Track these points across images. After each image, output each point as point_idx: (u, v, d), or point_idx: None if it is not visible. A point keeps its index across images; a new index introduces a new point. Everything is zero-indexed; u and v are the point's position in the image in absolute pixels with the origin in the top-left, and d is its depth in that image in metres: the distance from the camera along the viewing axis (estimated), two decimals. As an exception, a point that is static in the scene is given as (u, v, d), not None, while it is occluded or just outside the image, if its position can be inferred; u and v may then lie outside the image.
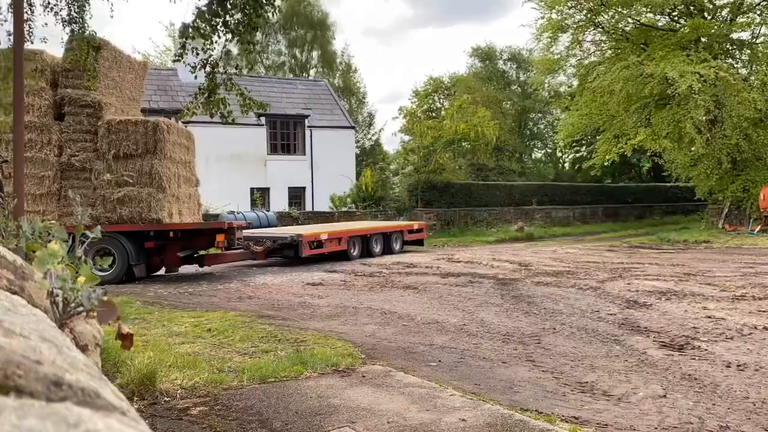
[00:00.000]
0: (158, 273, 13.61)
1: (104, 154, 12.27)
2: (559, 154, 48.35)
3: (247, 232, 14.98)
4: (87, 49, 9.24)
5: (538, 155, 50.38)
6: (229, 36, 7.98)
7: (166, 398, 4.50)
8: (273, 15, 8.25)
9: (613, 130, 26.76)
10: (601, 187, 38.19)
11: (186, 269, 13.78)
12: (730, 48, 25.97)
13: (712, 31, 24.02)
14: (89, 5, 9.14)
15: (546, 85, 35.72)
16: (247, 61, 11.04)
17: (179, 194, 13.12)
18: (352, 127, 32.91)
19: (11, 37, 8.80)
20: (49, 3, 8.90)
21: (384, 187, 30.76)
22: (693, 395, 5.17)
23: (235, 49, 12.05)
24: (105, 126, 12.33)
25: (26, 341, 0.93)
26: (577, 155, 43.07)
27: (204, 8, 7.55)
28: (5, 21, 8.86)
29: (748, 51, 25.94)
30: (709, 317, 8.73)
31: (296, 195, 30.10)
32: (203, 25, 7.58)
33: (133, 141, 12.24)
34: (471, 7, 75.26)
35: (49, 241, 2.35)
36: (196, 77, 8.65)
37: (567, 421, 4.33)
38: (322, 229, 16.66)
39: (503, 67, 44.12)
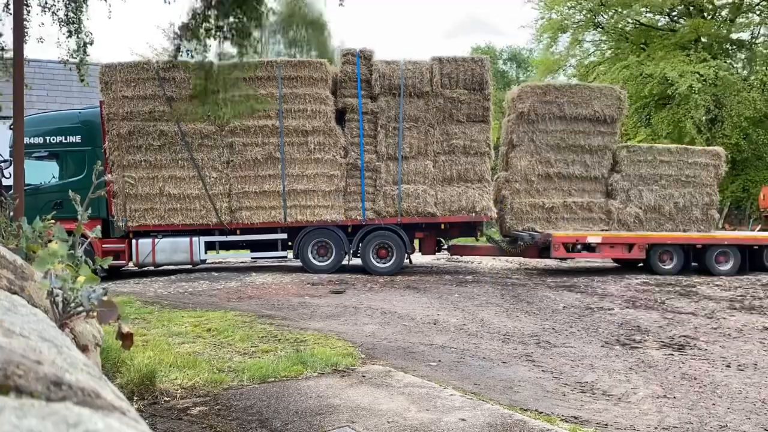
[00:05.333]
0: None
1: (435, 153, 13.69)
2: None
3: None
4: (84, 50, 9.23)
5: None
6: (223, 40, 7.95)
7: (166, 398, 4.50)
8: (269, 17, 8.21)
9: (612, 129, 26.68)
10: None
11: (185, 269, 13.78)
12: (729, 48, 25.98)
13: (712, 31, 24.03)
14: (86, 6, 9.13)
15: (546, 85, 35.72)
16: (246, 63, 11.12)
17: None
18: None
19: (2, 38, 8.81)
20: (46, 3, 8.89)
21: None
22: (693, 395, 5.17)
23: (232, 50, 12.17)
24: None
25: (26, 341, 0.93)
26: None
27: (198, 11, 7.53)
28: (1, 21, 8.85)
29: (748, 51, 25.94)
30: (709, 317, 8.74)
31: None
32: (197, 27, 7.56)
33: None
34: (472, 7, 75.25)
35: (50, 241, 2.35)
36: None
37: (567, 421, 4.33)
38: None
39: (503, 67, 44.15)
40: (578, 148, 14.73)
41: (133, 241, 12.98)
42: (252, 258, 14.07)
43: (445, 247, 14.78)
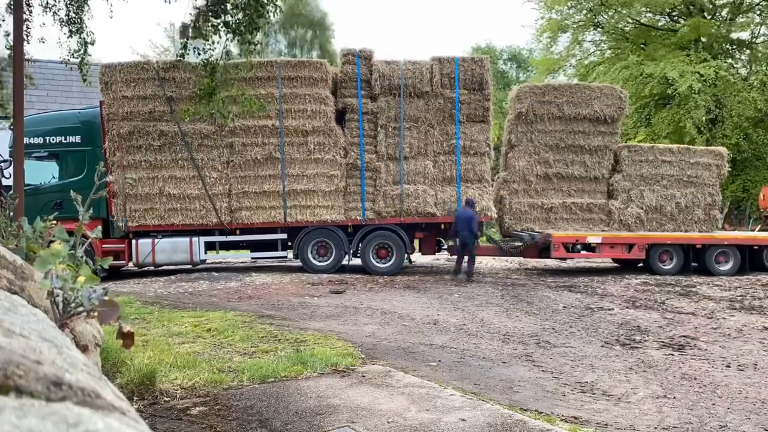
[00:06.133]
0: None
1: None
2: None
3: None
4: (85, 49, 9.22)
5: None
6: (231, 36, 7.98)
7: (166, 398, 4.50)
8: (274, 15, 8.24)
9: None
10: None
11: (185, 269, 13.78)
12: (729, 48, 25.98)
13: (712, 31, 24.03)
14: (88, 5, 9.12)
15: (546, 85, 35.73)
16: (248, 62, 11.17)
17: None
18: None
19: (9, 38, 8.80)
20: (47, 3, 8.89)
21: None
22: (693, 395, 5.17)
23: (235, 50, 12.21)
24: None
25: (26, 341, 0.93)
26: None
27: (204, 8, 7.55)
28: (3, 21, 8.85)
29: (748, 51, 25.95)
30: (709, 317, 8.74)
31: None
32: (204, 25, 7.58)
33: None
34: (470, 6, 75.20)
35: (51, 241, 2.35)
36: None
37: (567, 421, 4.33)
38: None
39: (503, 67, 44.17)
40: (578, 148, 14.73)
41: (133, 241, 12.99)
42: (252, 258, 14.07)
43: (445, 247, 14.80)
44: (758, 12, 25.25)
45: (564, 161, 14.70)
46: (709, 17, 25.29)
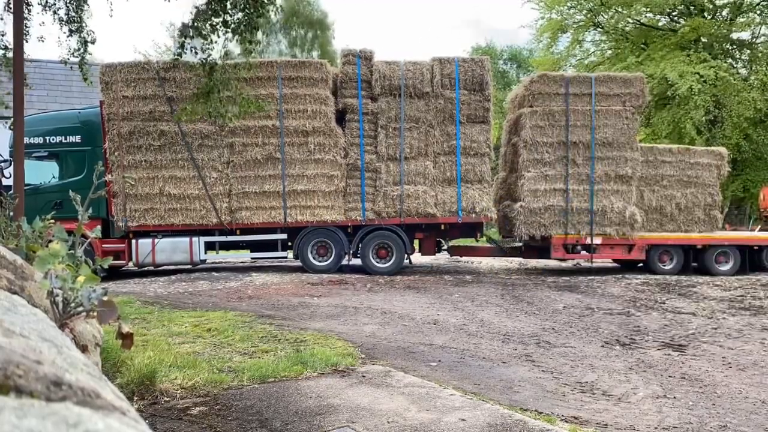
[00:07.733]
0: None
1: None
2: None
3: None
4: (85, 48, 9.21)
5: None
6: (230, 35, 7.97)
7: (166, 398, 4.50)
8: (274, 15, 8.24)
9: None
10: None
11: (185, 269, 13.78)
12: (730, 48, 25.95)
13: (712, 31, 24.01)
14: (87, 5, 9.11)
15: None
16: (247, 62, 11.15)
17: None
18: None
19: (4, 38, 8.80)
20: (47, 2, 8.88)
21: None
22: (693, 395, 5.17)
23: (236, 49, 12.19)
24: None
25: (26, 341, 0.93)
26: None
27: (203, 8, 7.54)
28: (1, 19, 8.84)
29: (748, 51, 25.93)
30: (709, 317, 8.74)
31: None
32: (202, 24, 7.57)
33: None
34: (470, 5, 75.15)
35: (50, 241, 2.35)
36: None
37: (567, 421, 4.33)
38: None
39: (503, 67, 44.17)
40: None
41: (133, 241, 13.00)
42: (252, 258, 14.08)
43: (445, 247, 14.81)
44: (758, 12, 25.22)
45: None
46: (709, 17, 25.27)
